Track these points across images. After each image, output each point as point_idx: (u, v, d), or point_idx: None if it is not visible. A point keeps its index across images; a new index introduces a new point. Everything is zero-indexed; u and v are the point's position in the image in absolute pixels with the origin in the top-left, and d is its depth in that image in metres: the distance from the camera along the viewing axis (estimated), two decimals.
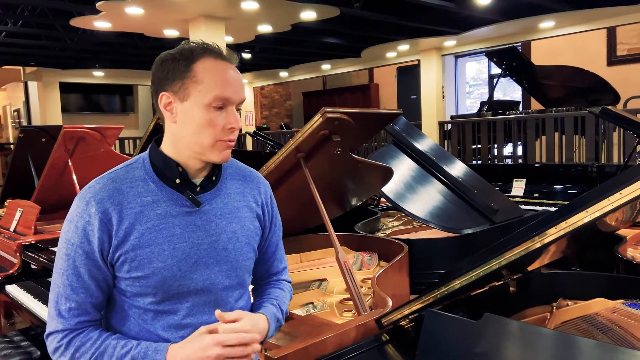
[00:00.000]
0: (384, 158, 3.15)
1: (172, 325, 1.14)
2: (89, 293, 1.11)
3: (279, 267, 1.39)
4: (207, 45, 1.14)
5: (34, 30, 7.75)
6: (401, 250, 2.35)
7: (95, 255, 1.09)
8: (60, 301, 1.11)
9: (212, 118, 1.11)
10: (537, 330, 1.07)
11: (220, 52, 1.14)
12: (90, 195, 1.11)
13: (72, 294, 1.10)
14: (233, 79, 1.13)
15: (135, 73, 11.77)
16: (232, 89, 1.12)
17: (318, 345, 1.42)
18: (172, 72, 1.12)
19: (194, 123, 1.11)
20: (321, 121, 1.93)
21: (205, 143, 1.12)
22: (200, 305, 1.16)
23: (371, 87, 13.50)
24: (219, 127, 1.12)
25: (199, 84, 1.10)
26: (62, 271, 1.11)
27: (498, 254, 1.19)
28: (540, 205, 4.42)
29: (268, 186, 1.33)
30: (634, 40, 9.03)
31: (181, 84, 1.11)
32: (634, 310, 1.42)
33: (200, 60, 1.11)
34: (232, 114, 1.13)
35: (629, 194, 1.00)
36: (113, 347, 1.08)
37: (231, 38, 8.08)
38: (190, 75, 1.10)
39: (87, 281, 1.10)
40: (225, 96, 1.11)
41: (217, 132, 1.12)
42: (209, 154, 1.14)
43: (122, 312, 1.15)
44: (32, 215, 3.32)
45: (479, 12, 7.26)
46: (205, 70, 1.11)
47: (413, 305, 1.35)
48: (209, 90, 1.10)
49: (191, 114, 1.11)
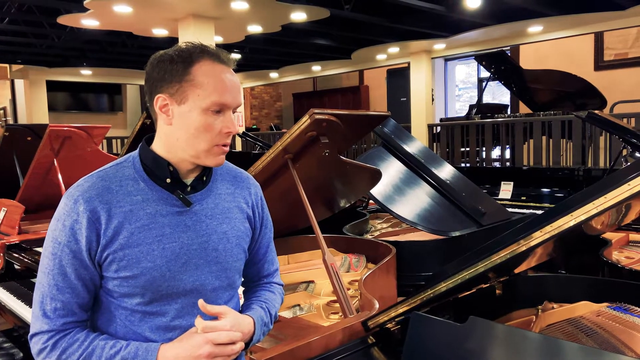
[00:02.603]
0: (372, 160, 3.16)
1: (160, 327, 1.12)
2: (75, 293, 1.09)
3: (270, 270, 1.38)
4: (205, 47, 1.13)
5: (21, 27, 7.67)
6: (389, 252, 2.35)
7: (82, 255, 1.07)
8: (45, 301, 1.08)
9: (210, 122, 1.10)
10: (522, 334, 1.08)
11: (218, 55, 1.13)
12: (78, 193, 1.09)
13: (57, 294, 1.08)
14: (231, 83, 1.12)
15: (123, 72, 11.69)
16: (231, 94, 1.11)
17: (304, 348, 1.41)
18: (169, 74, 1.10)
19: (192, 126, 1.10)
20: (309, 122, 1.92)
21: (201, 147, 1.11)
22: (189, 307, 1.14)
23: (361, 89, 13.53)
24: (215, 131, 1.11)
25: (197, 87, 1.08)
26: (47, 270, 1.09)
27: (484, 257, 1.19)
28: (528, 208, 4.45)
29: (259, 187, 1.33)
30: (620, 45, 9.14)
31: (179, 86, 1.09)
32: (618, 313, 1.43)
33: (198, 63, 1.09)
34: (229, 117, 1.12)
35: (613, 197, 1.01)
36: (101, 348, 1.06)
37: (221, 38, 8.05)
38: (189, 78, 1.08)
39: (74, 281, 1.08)
40: (223, 101, 1.10)
41: (213, 136, 1.11)
42: (204, 158, 1.13)
43: (108, 313, 1.13)
44: (16, 215, 3.28)
45: (469, 16, 7.31)
46: (204, 74, 1.09)
47: (399, 308, 1.35)
48: (207, 95, 1.08)
49: (188, 118, 1.10)
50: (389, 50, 9.67)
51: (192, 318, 1.13)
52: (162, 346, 1.07)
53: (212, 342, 1.06)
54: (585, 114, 3.67)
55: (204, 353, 1.05)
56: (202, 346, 1.06)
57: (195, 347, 1.06)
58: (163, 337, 1.11)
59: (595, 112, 3.59)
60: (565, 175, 4.59)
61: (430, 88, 9.75)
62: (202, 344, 1.06)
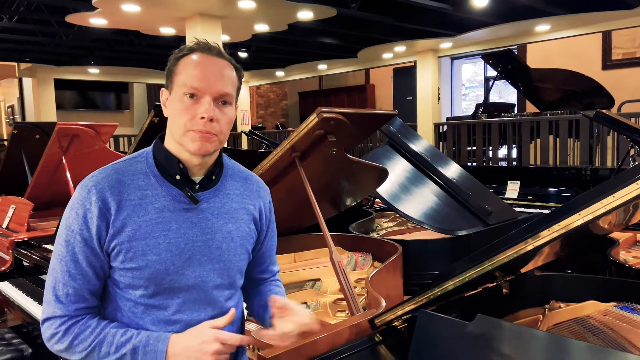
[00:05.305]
0: (379, 159, 3.15)
1: (161, 320, 1.15)
2: (87, 280, 1.12)
3: (274, 270, 1.42)
4: (200, 43, 1.17)
5: (29, 26, 7.71)
6: (395, 251, 2.35)
7: (93, 243, 1.11)
8: (57, 286, 1.11)
9: (184, 107, 1.13)
10: (530, 332, 1.08)
11: (204, 47, 1.17)
12: (92, 183, 1.13)
13: (69, 280, 1.11)
14: (208, 70, 1.14)
15: (130, 70, 11.72)
16: (205, 79, 1.13)
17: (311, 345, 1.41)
18: (168, 70, 1.18)
19: (172, 113, 1.16)
20: (317, 121, 1.93)
21: (178, 132, 1.15)
22: (190, 302, 1.16)
23: (367, 87, 13.51)
24: (188, 115, 1.13)
25: (178, 75, 1.15)
26: (60, 257, 1.12)
27: (491, 256, 1.20)
28: (534, 207, 4.44)
29: (268, 192, 1.35)
30: (628, 44, 9.08)
31: (170, 79, 1.17)
32: (625, 313, 1.42)
33: (186, 56, 1.16)
34: (206, 104, 1.13)
35: (621, 197, 1.01)
36: (112, 335, 1.09)
37: (227, 37, 8.07)
38: (175, 70, 1.16)
39: (85, 268, 1.11)
40: (194, 84, 1.13)
41: (187, 121, 1.13)
42: (185, 143, 1.15)
43: (114, 303, 1.16)
44: (25, 212, 3.30)
45: (476, 15, 7.29)
46: (185, 64, 1.15)
47: (406, 306, 1.35)
48: (183, 81, 1.14)
49: (171, 105, 1.16)
50: (395, 49, 9.64)
51: (192, 313, 1.16)
52: (173, 336, 1.10)
53: (222, 341, 1.09)
54: (593, 113, 3.66)
55: (211, 350, 1.08)
56: (212, 343, 1.08)
57: (205, 342, 1.09)
58: (164, 330, 1.14)
59: (603, 112, 3.58)
60: (572, 174, 4.56)
61: (437, 87, 9.72)
62: (212, 340, 1.09)
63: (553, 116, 7.33)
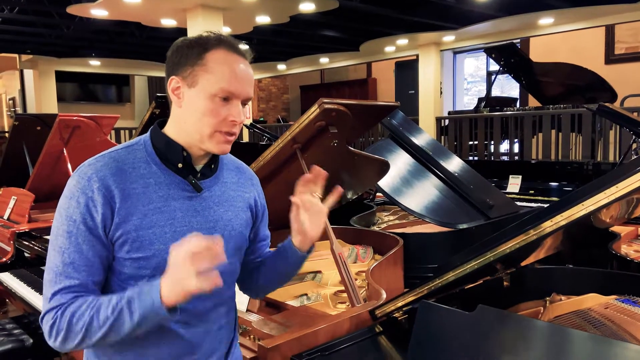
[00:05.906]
0: (380, 152, 3.14)
1: None
2: (92, 271, 1.09)
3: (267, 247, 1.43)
4: (224, 37, 1.15)
5: (30, 17, 7.69)
6: (396, 244, 2.35)
7: (98, 231, 1.08)
8: (58, 280, 1.07)
9: (215, 108, 1.11)
10: (530, 322, 1.08)
11: (234, 45, 1.15)
12: (92, 171, 1.10)
13: (73, 273, 1.07)
14: (242, 73, 1.13)
15: (132, 63, 11.70)
16: (240, 84, 1.12)
17: (311, 336, 1.42)
18: (185, 58, 1.13)
19: (198, 110, 1.12)
20: (318, 112, 1.92)
21: (204, 132, 1.13)
22: None
23: (369, 81, 13.47)
24: (220, 117, 1.12)
25: (208, 72, 1.11)
26: (62, 250, 1.08)
27: (493, 246, 1.19)
28: (536, 202, 4.43)
29: (258, 179, 1.38)
30: (631, 38, 9.03)
31: (191, 70, 1.12)
32: (626, 306, 1.42)
33: (213, 50, 1.12)
34: (236, 107, 1.13)
35: (625, 187, 1.00)
36: (108, 299, 1.05)
37: (229, 29, 8.04)
38: (202, 63, 1.11)
39: (91, 259, 1.08)
40: (231, 89, 1.11)
41: (217, 123, 1.12)
42: (207, 143, 1.14)
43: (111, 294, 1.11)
44: (26, 204, 3.31)
45: (478, 7, 7.25)
46: (216, 61, 1.11)
47: (407, 297, 1.35)
48: (216, 81, 1.10)
49: (196, 101, 1.12)
50: (398, 42, 9.60)
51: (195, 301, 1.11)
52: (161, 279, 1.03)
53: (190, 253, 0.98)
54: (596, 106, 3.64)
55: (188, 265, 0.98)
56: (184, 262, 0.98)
57: (178, 266, 0.99)
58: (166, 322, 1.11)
59: (606, 105, 3.56)
60: (574, 169, 4.55)
61: (439, 81, 9.69)
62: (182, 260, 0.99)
63: (555, 110, 7.29)
